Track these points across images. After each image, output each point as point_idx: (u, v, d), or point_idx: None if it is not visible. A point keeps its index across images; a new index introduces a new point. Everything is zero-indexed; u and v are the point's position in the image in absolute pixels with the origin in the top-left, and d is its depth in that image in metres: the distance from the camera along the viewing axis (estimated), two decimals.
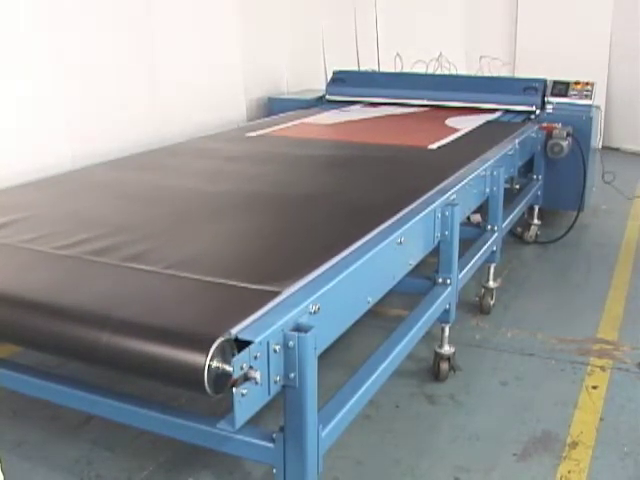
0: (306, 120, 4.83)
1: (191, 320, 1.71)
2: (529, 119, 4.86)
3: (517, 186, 4.71)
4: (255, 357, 1.61)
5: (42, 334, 1.80)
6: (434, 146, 3.84)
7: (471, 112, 5.01)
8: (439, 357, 3.04)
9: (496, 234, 3.58)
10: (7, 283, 1.99)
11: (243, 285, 1.91)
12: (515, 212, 4.13)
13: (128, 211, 2.73)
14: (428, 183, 2.95)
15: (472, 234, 3.55)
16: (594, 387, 3.00)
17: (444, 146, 3.87)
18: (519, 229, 4.86)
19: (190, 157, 3.69)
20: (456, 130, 4.34)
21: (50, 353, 1.91)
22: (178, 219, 2.60)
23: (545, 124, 4.68)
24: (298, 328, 1.72)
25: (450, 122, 4.66)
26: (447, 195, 2.83)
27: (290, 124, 4.66)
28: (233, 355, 1.57)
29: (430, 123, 4.75)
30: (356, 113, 5.15)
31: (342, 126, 4.65)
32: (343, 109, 5.30)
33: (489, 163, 3.44)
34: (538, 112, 4.91)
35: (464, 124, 4.55)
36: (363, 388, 2.13)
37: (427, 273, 2.96)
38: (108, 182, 3.19)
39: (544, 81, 5.03)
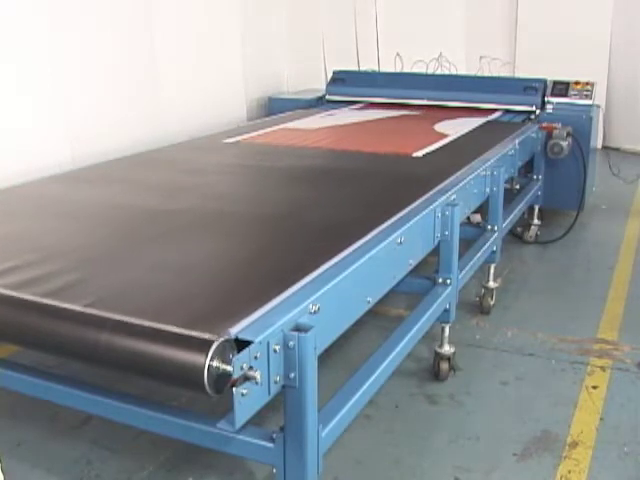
0: (290, 125, 4.67)
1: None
2: (529, 119, 4.87)
3: (517, 186, 4.71)
4: (255, 357, 1.61)
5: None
6: (419, 154, 3.66)
7: (465, 115, 4.93)
8: (439, 357, 3.04)
9: (496, 234, 3.58)
10: None
11: (168, 329, 1.66)
12: (515, 212, 4.13)
13: (66, 233, 2.49)
14: (404, 199, 2.71)
15: (472, 234, 3.55)
16: (594, 387, 3.00)
17: (430, 154, 3.68)
18: (519, 229, 4.86)
19: (154, 168, 3.47)
20: (445, 136, 4.17)
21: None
22: (120, 243, 2.36)
23: (545, 124, 4.68)
24: (298, 328, 1.72)
25: (439, 127, 4.51)
26: (447, 195, 2.83)
27: (272, 129, 4.51)
28: (233, 355, 1.57)
29: (419, 128, 4.59)
30: (343, 117, 4.99)
31: (326, 132, 4.44)
32: (331, 112, 5.18)
33: (489, 163, 3.44)
34: (538, 112, 4.92)
35: (454, 129, 4.39)
36: (363, 388, 2.13)
37: (427, 273, 2.96)
38: (53, 198, 2.93)
39: (544, 81, 5.04)
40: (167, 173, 3.37)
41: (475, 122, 4.65)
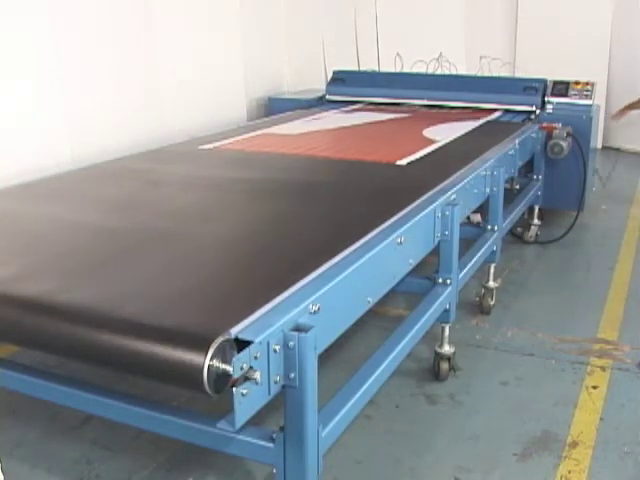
0: (271, 130, 4.45)
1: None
2: (529, 119, 4.87)
3: (517, 186, 4.71)
4: (255, 357, 1.61)
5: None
6: (403, 162, 3.44)
7: (457, 119, 4.77)
8: (439, 357, 3.04)
9: (496, 234, 3.58)
10: None
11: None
12: (515, 212, 4.13)
13: None
14: (379, 217, 2.46)
15: (472, 234, 3.55)
16: (594, 387, 3.00)
17: (415, 162, 3.46)
18: (519, 229, 4.86)
19: (112, 181, 3.20)
20: (432, 142, 3.95)
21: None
22: (34, 267, 2.10)
23: (545, 124, 4.68)
24: (298, 328, 1.72)
25: (428, 132, 4.29)
26: (447, 195, 2.83)
27: (255, 133, 4.29)
28: (233, 355, 1.57)
29: (407, 133, 4.36)
30: (330, 121, 4.79)
31: (308, 137, 4.19)
32: (318, 115, 5.02)
33: (489, 163, 3.44)
34: (538, 112, 4.92)
35: (443, 135, 4.16)
36: (363, 388, 2.13)
37: (427, 273, 2.96)
38: None
39: (544, 81, 5.04)
40: (124, 186, 3.09)
41: (466, 127, 4.46)
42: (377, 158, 3.55)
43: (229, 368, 1.54)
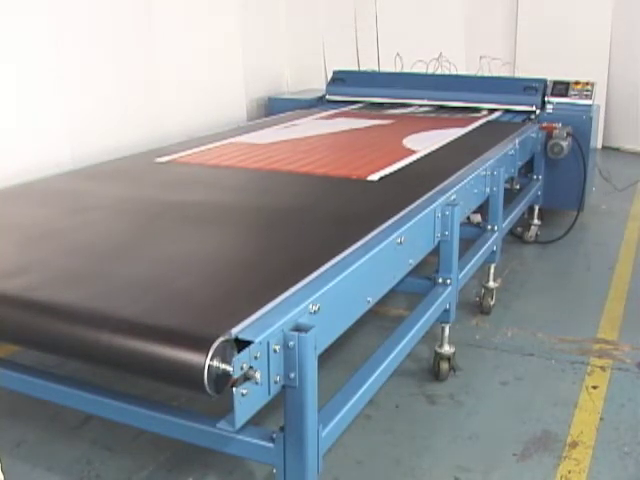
0: (241, 139, 4.13)
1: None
2: (529, 119, 4.87)
3: (517, 186, 4.71)
4: (255, 357, 1.61)
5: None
6: (375, 177, 3.12)
7: (443, 126, 4.49)
8: (439, 357, 3.04)
9: (496, 234, 3.58)
10: None
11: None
12: (515, 212, 4.13)
13: None
14: (329, 252, 2.13)
15: (472, 234, 3.55)
16: (594, 387, 3.00)
17: (388, 177, 3.15)
18: (519, 229, 4.86)
19: (26, 206, 2.81)
20: (411, 153, 3.65)
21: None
22: None
23: (545, 124, 4.68)
24: (298, 328, 1.72)
25: (409, 141, 3.98)
26: (447, 195, 2.83)
27: (220, 144, 3.96)
28: (233, 355, 1.57)
29: (385, 142, 4.01)
30: (305, 128, 4.48)
31: (276, 148, 3.85)
32: (294, 122, 4.74)
33: (489, 163, 3.44)
34: (538, 112, 4.92)
35: (424, 144, 3.86)
36: (363, 388, 2.13)
37: (427, 273, 2.96)
38: None
39: (544, 81, 5.04)
40: (37, 213, 2.68)
41: (451, 135, 4.18)
42: (347, 172, 3.25)
43: (229, 368, 1.54)
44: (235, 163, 3.49)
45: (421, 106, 5.38)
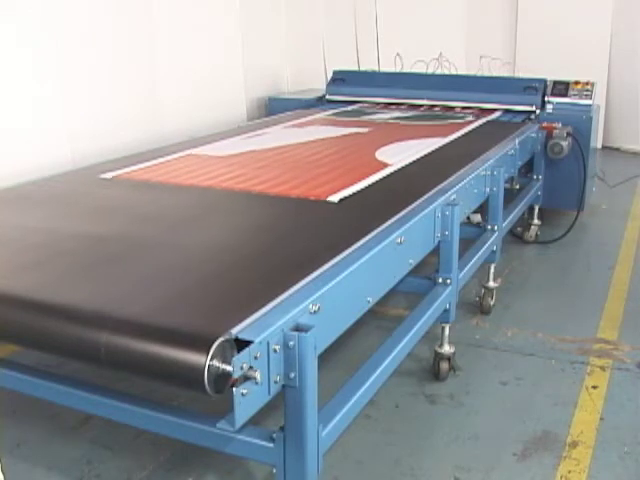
0: (200, 150, 3.80)
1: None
2: (529, 119, 4.87)
3: (517, 186, 4.72)
4: (255, 357, 1.61)
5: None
6: (336, 198, 2.79)
7: (423, 135, 4.17)
8: (439, 357, 3.04)
9: (496, 234, 3.58)
10: None
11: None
12: (515, 212, 4.13)
13: None
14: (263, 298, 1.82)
15: (472, 234, 3.55)
16: (594, 387, 3.00)
17: (350, 197, 2.82)
18: (519, 229, 4.86)
19: None
20: (383, 166, 3.35)
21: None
22: None
23: (545, 124, 4.68)
24: (298, 328, 1.73)
25: (382, 153, 3.66)
26: (447, 195, 2.83)
27: (177, 155, 3.66)
28: (233, 355, 1.57)
29: (357, 154, 3.68)
30: (273, 138, 4.17)
31: (235, 161, 3.52)
32: (265, 129, 4.48)
33: (489, 163, 3.45)
34: (538, 112, 4.92)
35: (398, 157, 3.54)
36: (363, 388, 2.13)
37: (427, 273, 2.96)
38: None
39: (544, 81, 5.04)
40: None
41: (431, 145, 3.87)
42: (305, 192, 2.91)
43: (229, 368, 1.54)
44: (183, 180, 3.15)
45: (413, 107, 5.34)
